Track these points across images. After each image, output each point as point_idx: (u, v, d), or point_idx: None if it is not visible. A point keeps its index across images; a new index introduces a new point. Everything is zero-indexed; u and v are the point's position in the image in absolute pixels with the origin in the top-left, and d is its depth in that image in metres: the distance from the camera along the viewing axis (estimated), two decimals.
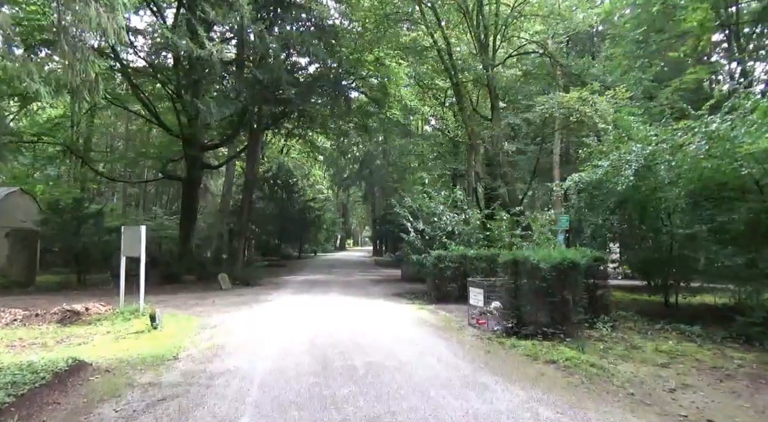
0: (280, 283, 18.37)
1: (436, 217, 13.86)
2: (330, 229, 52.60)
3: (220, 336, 8.16)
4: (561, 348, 7.19)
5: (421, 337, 8.04)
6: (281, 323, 9.30)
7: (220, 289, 16.04)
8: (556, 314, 8.02)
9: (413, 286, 16.93)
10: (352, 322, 9.39)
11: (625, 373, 6.04)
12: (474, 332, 8.51)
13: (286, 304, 12.25)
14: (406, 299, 13.32)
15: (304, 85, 17.65)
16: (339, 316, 10.14)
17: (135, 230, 10.59)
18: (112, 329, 9.01)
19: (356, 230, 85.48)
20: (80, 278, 18.20)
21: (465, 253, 12.57)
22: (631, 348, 7.50)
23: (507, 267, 8.23)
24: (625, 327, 9.12)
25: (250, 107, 16.74)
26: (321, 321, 9.53)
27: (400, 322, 9.54)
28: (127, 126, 31.20)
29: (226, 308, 11.61)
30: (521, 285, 8.04)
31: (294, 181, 38.66)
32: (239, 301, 12.90)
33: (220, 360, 6.50)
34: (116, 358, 6.69)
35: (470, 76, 18.20)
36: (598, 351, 7.22)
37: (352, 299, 13.15)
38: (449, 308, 11.51)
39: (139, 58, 19.86)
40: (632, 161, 9.69)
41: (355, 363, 6.21)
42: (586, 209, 12.16)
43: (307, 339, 7.75)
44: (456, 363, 6.31)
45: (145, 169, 32.84)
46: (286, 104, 18.40)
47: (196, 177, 21.85)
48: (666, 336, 8.44)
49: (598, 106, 12.84)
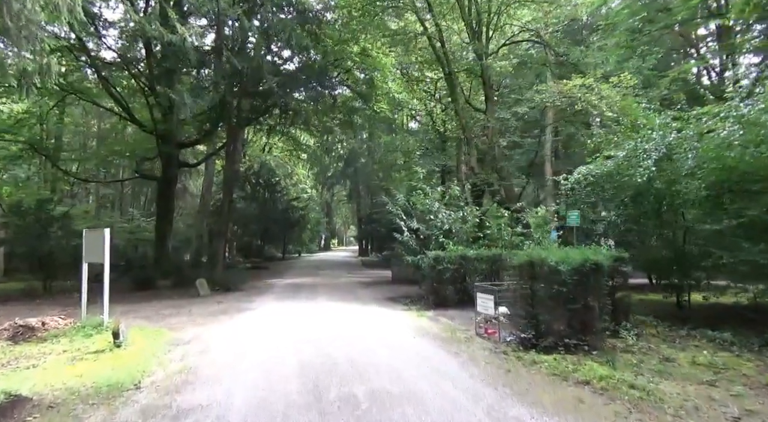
0: (263, 288, 17.20)
1: (432, 215, 12.86)
2: (314, 229, 51.36)
3: (193, 355, 7.04)
4: (589, 364, 6.26)
5: (427, 352, 7.02)
6: (264, 338, 8.20)
7: (198, 296, 14.84)
8: (578, 323, 7.09)
9: (406, 289, 15.94)
10: (346, 335, 8.33)
11: (673, 396, 5.13)
12: (484, 344, 7.53)
13: (270, 313, 11.11)
14: (402, 305, 12.31)
15: (286, 76, 16.47)
16: (330, 328, 9.06)
17: (98, 233, 9.39)
18: (69, 347, 7.84)
19: (341, 229, 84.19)
20: (46, 286, 16.79)
21: (465, 253, 11.60)
22: (664, 360, 6.62)
23: (522, 270, 7.27)
24: (648, 333, 8.27)
25: (228, 98, 15.53)
26: (310, 334, 8.45)
27: (400, 333, 8.52)
28: (99, 124, 29.52)
29: (202, 319, 10.46)
30: (538, 291, 7.09)
31: (277, 180, 37.38)
32: (218, 310, 11.74)
33: (190, 389, 5.41)
34: (66, 388, 5.56)
35: (463, 66, 17.24)
36: (630, 365, 6.31)
37: (343, 306, 12.08)
38: (450, 314, 10.53)
39: (110, 49, 18.47)
40: (651, 151, 8.84)
41: (355, 390, 5.17)
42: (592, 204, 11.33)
43: (296, 358, 6.67)
44: (475, 387, 5.31)
45: (121, 169, 31.27)
46: (267, 97, 17.24)
47: (173, 176, 20.53)
48: (696, 345, 7.60)
49: (603, 93, 11.97)
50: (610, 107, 11.71)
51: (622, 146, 10.01)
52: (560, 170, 23.92)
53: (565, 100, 13.33)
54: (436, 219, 12.82)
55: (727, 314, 9.78)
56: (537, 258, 7.11)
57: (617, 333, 7.67)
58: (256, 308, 11.86)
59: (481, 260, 11.65)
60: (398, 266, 18.90)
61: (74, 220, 18.75)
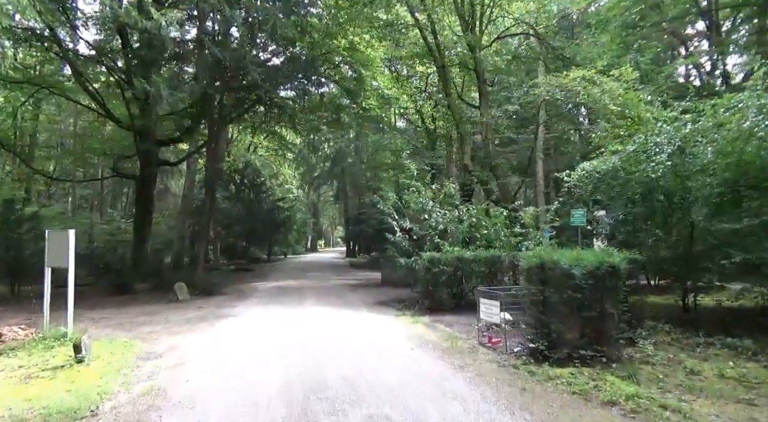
0: (246, 291, 16.34)
1: (426, 214, 12.16)
2: (300, 230, 50.40)
3: (164, 371, 6.24)
4: (609, 379, 5.61)
5: (428, 366, 6.30)
6: (246, 350, 7.40)
7: (177, 300, 13.95)
8: (593, 332, 6.44)
9: (397, 292, 15.24)
10: (337, 346, 7.57)
11: (712, 418, 4.50)
12: (490, 355, 6.84)
13: (253, 320, 10.28)
14: (394, 310, 11.58)
15: (271, 68, 15.61)
16: (319, 337, 8.29)
17: (62, 235, 8.50)
18: (27, 362, 6.98)
19: (328, 230, 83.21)
20: (14, 291, 15.74)
21: (461, 255, 10.91)
22: (689, 373, 5.99)
23: (531, 274, 6.58)
24: (663, 341, 7.65)
25: (209, 91, 14.64)
26: (297, 345, 7.67)
27: (396, 343, 7.78)
28: (76, 122, 28.29)
29: (179, 327, 9.61)
30: (549, 296, 6.42)
31: (262, 180, 36.44)
32: (197, 317, 10.89)
33: (156, 416, 4.62)
34: (10, 416, 4.74)
35: (456, 60, 16.56)
36: (654, 380, 5.67)
37: (332, 312, 11.30)
38: (446, 320, 9.83)
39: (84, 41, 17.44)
40: (664, 144, 8.24)
41: (351, 419, 4.43)
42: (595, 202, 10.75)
43: (281, 376, 5.90)
44: (489, 412, 4.60)
45: (100, 168, 30.07)
46: (251, 91, 16.38)
47: (152, 175, 19.55)
48: (717, 354, 7.00)
49: (606, 86, 11.39)
50: (613, 100, 11.13)
51: (629, 140, 9.41)
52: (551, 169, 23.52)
53: (564, 94, 12.74)
54: (430, 219, 12.12)
55: (735, 318, 9.25)
56: (548, 261, 6.44)
57: (633, 342, 7.04)
58: (238, 315, 11.03)
59: (479, 262, 10.97)
60: (388, 268, 18.19)
61: (47, 221, 17.70)
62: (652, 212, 9.32)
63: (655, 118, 10.23)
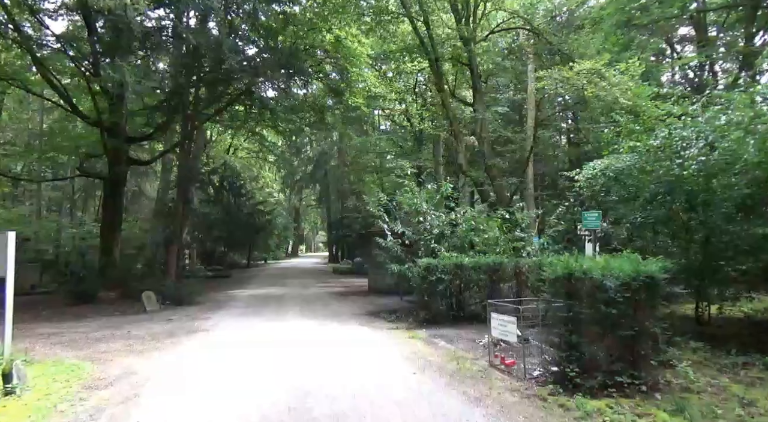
0: (223, 301, 15.08)
1: (421, 217, 11.13)
2: (282, 234, 49.01)
3: (111, 408, 5.04)
4: (654, 412, 4.66)
5: (437, 398, 5.23)
6: (216, 377, 6.24)
7: (144, 311, 12.67)
8: (629, 354, 5.48)
9: (386, 300, 14.21)
10: (325, 370, 6.45)
11: None
12: (507, 381, 5.80)
13: (227, 337, 9.07)
14: (386, 322, 10.51)
15: (250, 58, 14.38)
16: (303, 359, 7.13)
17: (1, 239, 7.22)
18: None
19: (309, 235, 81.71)
20: None
21: (460, 262, 9.89)
22: (745, 404, 5.06)
23: (558, 286, 5.59)
24: (693, 360, 6.72)
25: (181, 80, 13.40)
26: (277, 369, 6.54)
27: (394, 366, 6.69)
28: (42, 119, 26.61)
29: (141, 344, 8.38)
30: (579, 312, 5.43)
31: (242, 183, 35.16)
32: (163, 331, 9.64)
33: None
34: None
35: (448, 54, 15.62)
36: (708, 415, 4.72)
37: (317, 326, 10.15)
38: (446, 334, 8.81)
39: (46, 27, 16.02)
40: (692, 139, 7.37)
41: None
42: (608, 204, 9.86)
43: (258, 414, 4.79)
44: None
45: (69, 168, 28.38)
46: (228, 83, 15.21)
47: (121, 174, 18.17)
48: (761, 377, 6.09)
49: (615, 79, 10.56)
50: (623, 94, 10.30)
51: (645, 136, 8.54)
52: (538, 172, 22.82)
53: (568, 89, 11.90)
54: (425, 222, 11.10)
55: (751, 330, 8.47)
56: (578, 270, 5.46)
57: (670, 363, 6.10)
58: (210, 329, 9.81)
59: (479, 270, 9.97)
60: (376, 275, 17.15)
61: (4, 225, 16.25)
62: (671, 216, 8.45)
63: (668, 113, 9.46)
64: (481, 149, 14.38)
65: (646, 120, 9.00)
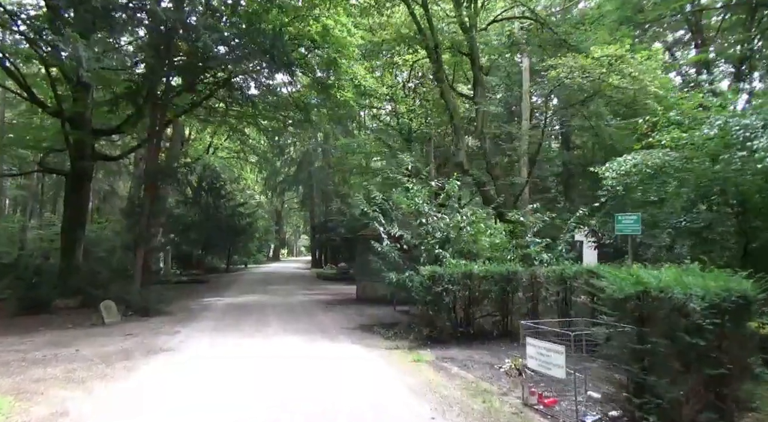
0: (196, 310, 13.48)
1: (423, 218, 9.77)
2: (263, 238, 47.24)
3: None
4: None
5: None
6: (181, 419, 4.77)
7: (102, 324, 11.03)
8: (717, 398, 4.17)
9: (378, 311, 12.83)
10: (315, 413, 5.03)
11: None
12: None
13: (195, 360, 7.49)
14: (383, 338, 9.10)
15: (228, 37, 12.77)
16: (288, 393, 5.69)
17: None
18: None
19: (291, 238, 79.78)
20: None
21: (470, 270, 8.54)
22: None
23: (626, 308, 4.26)
24: None
25: (150, 61, 11.83)
26: (255, 408, 5.10)
27: (403, 405, 5.26)
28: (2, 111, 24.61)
29: (86, 369, 6.81)
30: (656, 343, 4.10)
31: (222, 184, 33.48)
32: (118, 351, 8.06)
33: None
34: None
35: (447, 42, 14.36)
36: None
37: (303, 344, 8.66)
38: (455, 356, 7.45)
39: None
40: (757, 128, 6.16)
41: None
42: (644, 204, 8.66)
43: None
44: None
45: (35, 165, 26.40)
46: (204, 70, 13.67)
47: (86, 169, 16.41)
48: None
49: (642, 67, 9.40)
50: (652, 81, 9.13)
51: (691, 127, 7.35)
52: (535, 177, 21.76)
53: (585, 77, 10.70)
54: (427, 224, 9.74)
55: None
56: (654, 288, 4.13)
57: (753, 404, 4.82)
58: (175, 349, 8.25)
59: (491, 280, 8.65)
60: (365, 282, 15.77)
61: None
62: (722, 218, 7.25)
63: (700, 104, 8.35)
64: (483, 145, 13.11)
65: (687, 110, 7.84)
